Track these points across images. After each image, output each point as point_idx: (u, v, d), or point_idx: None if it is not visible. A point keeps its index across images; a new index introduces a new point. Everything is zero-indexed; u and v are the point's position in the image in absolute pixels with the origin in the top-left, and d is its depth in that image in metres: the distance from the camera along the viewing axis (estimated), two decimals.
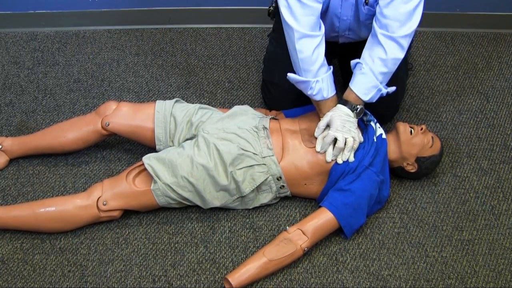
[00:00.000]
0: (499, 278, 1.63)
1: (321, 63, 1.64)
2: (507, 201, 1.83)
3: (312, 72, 1.63)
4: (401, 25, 1.58)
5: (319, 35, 1.62)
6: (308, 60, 1.62)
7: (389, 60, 1.61)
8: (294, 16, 1.59)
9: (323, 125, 1.66)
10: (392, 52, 1.60)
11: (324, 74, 1.65)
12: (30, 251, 1.65)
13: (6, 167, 1.87)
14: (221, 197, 1.66)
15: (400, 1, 1.56)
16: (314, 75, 1.64)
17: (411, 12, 1.57)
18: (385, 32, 1.59)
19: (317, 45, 1.62)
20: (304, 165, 1.67)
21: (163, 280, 1.60)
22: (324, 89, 1.66)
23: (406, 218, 1.77)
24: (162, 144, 1.75)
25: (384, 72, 1.63)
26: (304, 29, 1.59)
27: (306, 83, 1.65)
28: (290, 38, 1.63)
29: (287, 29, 1.63)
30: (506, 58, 2.37)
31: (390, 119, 2.04)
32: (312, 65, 1.63)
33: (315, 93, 1.66)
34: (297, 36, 1.60)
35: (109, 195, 1.62)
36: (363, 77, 1.64)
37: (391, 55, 1.61)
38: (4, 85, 2.18)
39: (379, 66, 1.62)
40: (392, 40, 1.59)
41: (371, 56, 1.63)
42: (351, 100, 1.66)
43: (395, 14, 1.57)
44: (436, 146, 1.74)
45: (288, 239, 1.59)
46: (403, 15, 1.57)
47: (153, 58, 2.32)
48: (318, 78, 1.64)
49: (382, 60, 1.61)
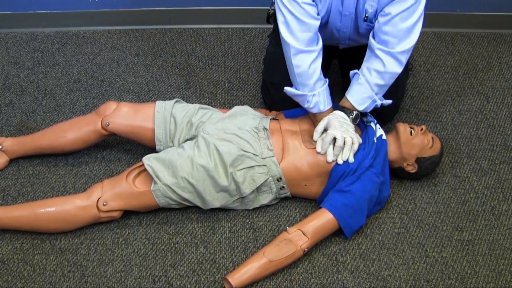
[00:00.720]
0: (499, 278, 1.63)
1: (318, 77, 1.67)
2: (507, 201, 1.83)
3: (309, 86, 1.67)
4: (400, 41, 1.61)
5: (315, 50, 1.65)
6: (305, 75, 1.65)
7: (386, 74, 1.65)
8: (291, 32, 1.61)
9: (321, 128, 1.67)
10: (390, 66, 1.64)
11: (321, 88, 1.69)
12: (30, 251, 1.65)
13: (6, 167, 1.87)
14: (221, 198, 1.66)
15: (399, 19, 1.58)
16: (311, 89, 1.67)
17: (409, 28, 1.59)
18: (383, 47, 1.62)
19: (313, 60, 1.65)
20: (304, 166, 1.67)
21: (163, 280, 1.60)
22: (320, 103, 1.69)
23: (406, 218, 1.77)
24: (162, 144, 1.75)
25: (380, 84, 1.67)
26: (301, 45, 1.62)
27: (303, 97, 1.69)
28: (287, 53, 1.66)
29: (284, 44, 1.66)
30: (506, 58, 2.37)
31: (390, 120, 2.04)
32: (309, 80, 1.66)
33: (312, 106, 1.69)
34: (294, 52, 1.63)
35: (109, 196, 1.62)
36: (359, 87, 1.68)
37: (389, 69, 1.64)
38: (4, 85, 2.18)
39: (376, 78, 1.66)
40: (390, 55, 1.62)
41: (369, 68, 1.66)
42: (347, 107, 1.70)
43: (394, 30, 1.60)
44: (436, 146, 1.74)
45: (288, 239, 1.59)
46: (402, 32, 1.59)
47: (153, 59, 2.32)
48: (314, 92, 1.68)
49: (379, 72, 1.65)
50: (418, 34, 1.61)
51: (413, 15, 1.57)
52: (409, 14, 1.57)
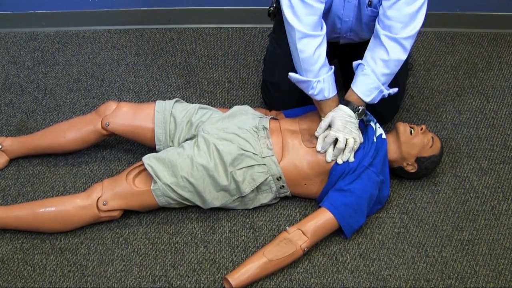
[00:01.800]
0: (499, 278, 1.63)
1: (323, 63, 1.64)
2: (507, 201, 1.83)
3: (314, 72, 1.63)
4: (404, 26, 1.58)
5: (320, 35, 1.62)
6: (310, 60, 1.62)
7: (391, 62, 1.62)
8: (297, 15, 1.58)
9: (324, 125, 1.66)
10: (394, 53, 1.60)
11: (326, 74, 1.65)
12: (30, 251, 1.65)
13: (6, 167, 1.87)
14: (221, 197, 1.66)
15: (404, 2, 1.55)
16: (316, 75, 1.64)
17: (414, 13, 1.57)
18: (388, 33, 1.59)
19: (318, 45, 1.62)
20: (304, 165, 1.67)
21: (163, 280, 1.60)
22: (325, 89, 1.66)
23: (406, 218, 1.77)
24: (162, 144, 1.75)
25: (386, 73, 1.63)
26: (306, 29, 1.59)
27: (308, 83, 1.65)
28: (292, 37, 1.62)
29: (289, 28, 1.62)
30: (506, 58, 2.37)
31: (390, 119, 2.04)
32: (314, 65, 1.63)
33: (316, 93, 1.66)
34: (299, 36, 1.60)
35: (109, 195, 1.62)
36: (365, 78, 1.64)
37: (394, 57, 1.61)
38: (4, 85, 2.18)
39: (381, 68, 1.62)
40: (394, 41, 1.59)
41: (373, 57, 1.63)
42: (353, 101, 1.66)
43: (398, 15, 1.57)
44: (436, 146, 1.74)
45: (288, 239, 1.59)
46: (407, 16, 1.57)
47: (153, 58, 2.32)
48: (319, 78, 1.64)
49: (384, 61, 1.61)
50: (422, 19, 1.59)
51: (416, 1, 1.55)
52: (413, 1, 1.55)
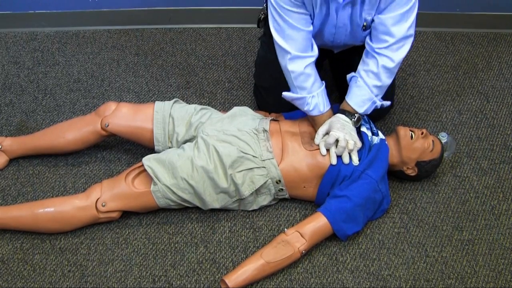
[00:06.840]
0: (499, 278, 1.63)
1: (315, 79, 1.68)
2: (507, 201, 1.83)
3: (307, 88, 1.67)
4: (396, 41, 1.61)
5: (312, 56, 1.65)
6: (302, 78, 1.66)
7: (382, 74, 1.66)
8: (285, 38, 1.61)
9: (322, 131, 1.67)
10: (385, 66, 1.64)
11: (318, 89, 1.69)
12: (30, 251, 1.65)
13: (6, 167, 1.87)
14: (220, 199, 1.66)
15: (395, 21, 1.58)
16: (309, 91, 1.68)
17: (405, 29, 1.59)
18: (379, 46, 1.63)
19: (309, 63, 1.65)
20: (303, 168, 1.67)
21: (163, 280, 1.60)
22: (320, 104, 1.70)
23: (406, 218, 1.77)
24: (161, 144, 1.75)
25: (377, 86, 1.68)
26: (297, 52, 1.62)
27: (302, 100, 1.69)
28: (283, 58, 1.65)
29: (279, 50, 1.65)
30: (506, 58, 2.37)
31: (386, 113, 2.04)
32: (306, 82, 1.66)
33: (311, 108, 1.70)
34: (289, 57, 1.63)
35: (108, 196, 1.62)
36: (358, 90, 1.69)
37: (384, 69, 1.65)
38: (4, 85, 2.18)
39: (373, 80, 1.67)
40: (384, 55, 1.64)
41: (365, 70, 1.68)
42: (348, 110, 1.71)
43: (388, 30, 1.60)
44: (436, 150, 1.74)
45: (286, 241, 1.58)
46: (398, 32, 1.60)
47: (153, 58, 2.32)
48: (313, 94, 1.68)
49: (375, 73, 1.66)
50: (412, 34, 1.62)
51: (408, 18, 1.58)
52: (404, 17, 1.58)
